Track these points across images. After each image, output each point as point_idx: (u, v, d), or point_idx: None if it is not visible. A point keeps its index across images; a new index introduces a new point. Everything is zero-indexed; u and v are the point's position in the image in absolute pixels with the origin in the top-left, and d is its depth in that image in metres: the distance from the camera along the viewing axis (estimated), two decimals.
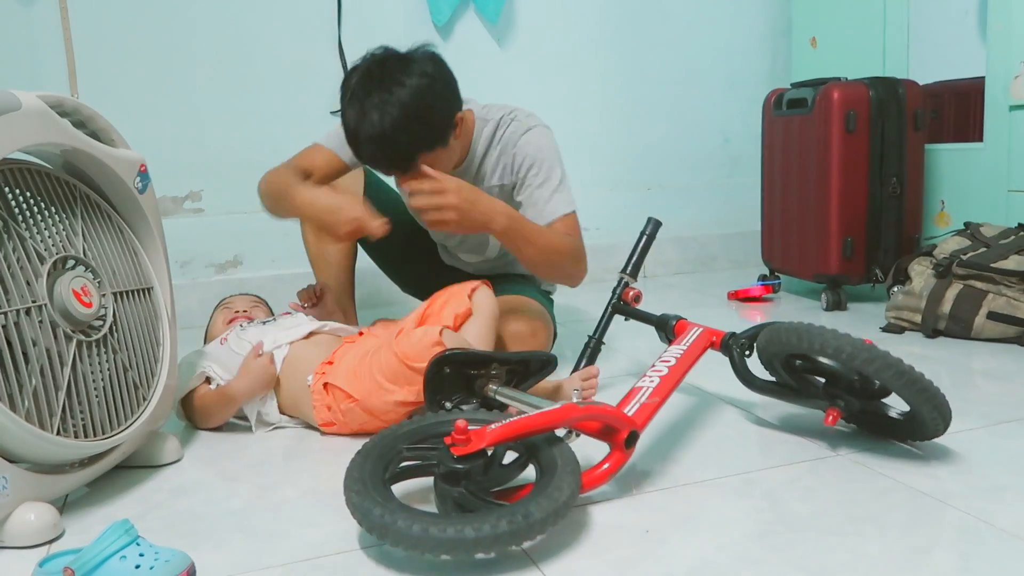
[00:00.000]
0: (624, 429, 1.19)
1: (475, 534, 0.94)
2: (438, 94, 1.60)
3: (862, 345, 1.24)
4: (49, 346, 1.16)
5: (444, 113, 1.62)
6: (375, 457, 1.11)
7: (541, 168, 1.73)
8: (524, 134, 1.76)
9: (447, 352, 1.35)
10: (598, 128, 3.12)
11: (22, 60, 2.42)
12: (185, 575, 0.97)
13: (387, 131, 1.54)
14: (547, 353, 1.43)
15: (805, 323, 1.32)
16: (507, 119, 1.78)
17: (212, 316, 1.87)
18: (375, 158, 1.62)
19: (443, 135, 1.62)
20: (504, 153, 1.78)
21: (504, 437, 1.07)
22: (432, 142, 1.61)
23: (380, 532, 0.98)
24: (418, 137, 1.58)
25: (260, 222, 2.69)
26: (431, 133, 1.60)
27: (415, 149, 1.59)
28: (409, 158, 1.60)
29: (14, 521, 1.11)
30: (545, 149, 1.75)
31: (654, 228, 1.79)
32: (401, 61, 1.59)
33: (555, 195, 1.72)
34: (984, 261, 2.02)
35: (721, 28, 3.23)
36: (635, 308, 1.75)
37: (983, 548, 1.03)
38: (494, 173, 1.80)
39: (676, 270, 3.27)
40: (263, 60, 2.66)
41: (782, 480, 1.26)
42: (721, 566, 1.01)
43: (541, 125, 1.79)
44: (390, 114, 1.53)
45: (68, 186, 1.31)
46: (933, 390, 1.24)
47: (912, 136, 2.46)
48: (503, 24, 2.92)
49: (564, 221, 1.71)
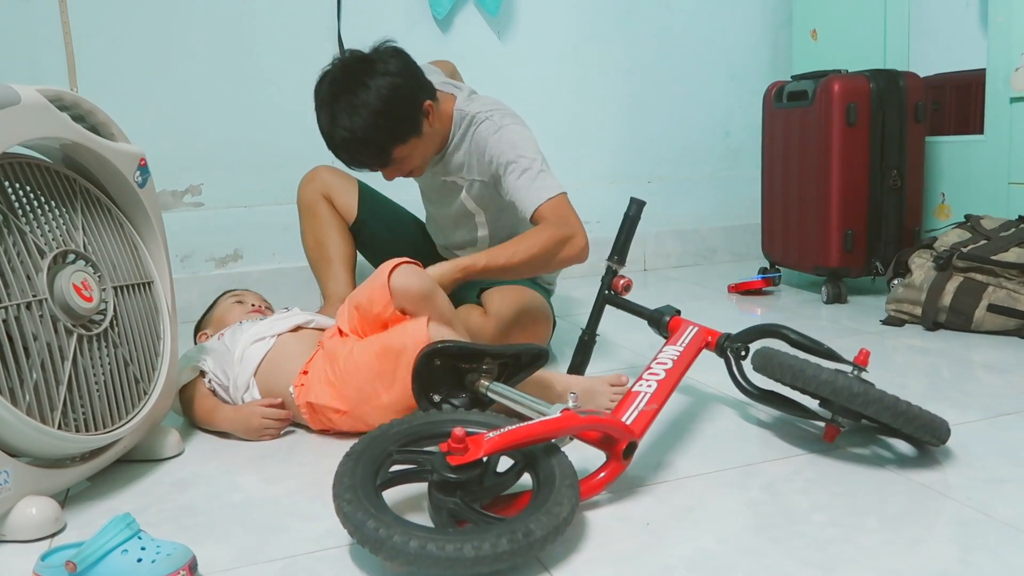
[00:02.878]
0: (623, 440, 1.17)
1: (475, 553, 0.91)
2: (403, 89, 1.67)
3: (853, 387, 1.21)
4: (50, 340, 1.16)
5: (411, 106, 1.69)
6: (366, 460, 1.06)
7: (517, 162, 1.74)
8: (495, 134, 1.76)
9: (439, 344, 1.31)
10: (599, 121, 3.11)
11: (21, 54, 2.41)
12: (186, 569, 0.97)
13: (358, 133, 1.64)
14: (539, 346, 1.40)
15: (797, 359, 1.30)
16: (481, 116, 1.80)
17: (217, 303, 1.87)
18: (353, 159, 1.72)
19: (414, 126, 1.70)
20: (475, 152, 1.81)
21: (502, 446, 1.04)
22: (404, 135, 1.69)
23: (374, 546, 0.93)
24: (389, 133, 1.67)
25: (260, 216, 2.71)
26: (401, 127, 1.68)
27: (389, 145, 1.69)
28: (385, 154, 1.70)
29: (16, 515, 1.11)
30: (517, 144, 1.75)
31: (638, 209, 1.70)
32: (364, 63, 1.67)
33: (535, 183, 1.72)
34: (984, 254, 2.02)
35: (722, 20, 3.23)
36: (627, 300, 1.69)
37: (983, 540, 1.03)
38: (469, 168, 1.84)
39: (676, 263, 3.27)
40: (263, 54, 2.66)
41: (782, 472, 1.26)
42: (721, 558, 1.01)
43: (515, 124, 1.79)
44: (360, 115, 1.63)
45: (68, 180, 1.31)
46: (927, 419, 1.23)
47: (913, 128, 2.45)
48: (503, 17, 2.91)
49: (550, 204, 1.70)
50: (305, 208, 2.08)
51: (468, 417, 1.21)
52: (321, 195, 2.06)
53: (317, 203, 2.06)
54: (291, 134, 2.66)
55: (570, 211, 1.71)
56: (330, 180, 2.08)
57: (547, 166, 1.75)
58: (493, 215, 1.92)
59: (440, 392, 1.33)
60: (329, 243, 2.05)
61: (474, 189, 1.88)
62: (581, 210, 1.76)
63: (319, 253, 2.06)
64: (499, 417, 1.21)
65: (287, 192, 2.71)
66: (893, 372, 1.75)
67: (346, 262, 2.06)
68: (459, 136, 1.83)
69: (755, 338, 1.49)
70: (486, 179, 1.82)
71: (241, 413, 1.51)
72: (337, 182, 2.08)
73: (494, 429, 1.07)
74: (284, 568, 1.04)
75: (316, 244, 2.06)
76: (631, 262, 3.16)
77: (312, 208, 2.06)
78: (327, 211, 2.06)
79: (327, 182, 2.07)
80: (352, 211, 2.07)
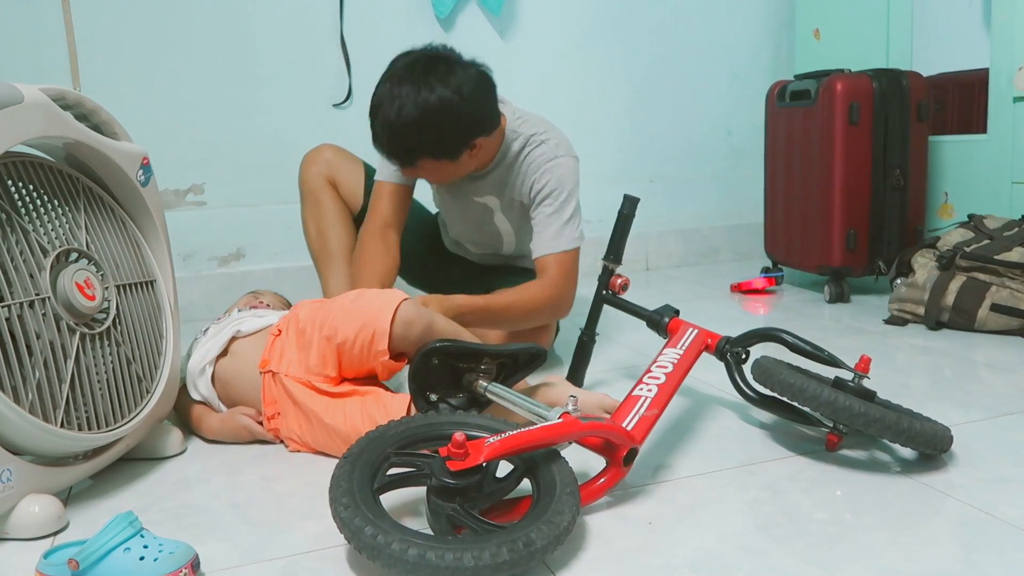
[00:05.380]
0: (625, 446, 1.16)
1: (475, 562, 0.90)
2: (462, 115, 1.60)
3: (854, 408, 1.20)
4: (52, 339, 1.16)
5: (461, 134, 1.63)
6: (363, 464, 1.05)
7: (557, 199, 1.73)
8: (550, 161, 1.75)
9: (437, 343, 1.30)
10: (601, 120, 3.11)
11: (24, 53, 2.41)
12: (188, 567, 0.97)
13: (398, 125, 1.57)
14: (536, 346, 1.39)
15: (798, 377, 1.28)
16: (537, 139, 1.77)
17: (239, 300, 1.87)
18: (381, 141, 1.64)
19: (452, 152, 1.64)
20: (526, 174, 1.77)
21: (503, 451, 1.03)
22: (438, 153, 1.63)
23: (371, 553, 0.92)
24: (425, 143, 1.61)
25: (263, 215, 2.71)
26: (439, 145, 1.62)
27: (419, 152, 1.62)
28: (411, 157, 1.64)
29: (19, 513, 1.12)
30: (566, 180, 1.74)
31: (631, 207, 1.66)
32: (447, 65, 1.60)
33: (564, 229, 1.72)
34: (987, 253, 2.02)
35: (724, 20, 3.22)
36: (625, 301, 1.67)
37: (986, 539, 1.03)
38: (512, 187, 1.80)
39: (679, 262, 3.27)
40: (266, 53, 2.66)
41: (784, 472, 1.26)
42: (724, 557, 1.01)
43: (569, 155, 1.78)
44: (408, 111, 1.56)
45: (71, 179, 1.32)
46: (928, 434, 1.22)
47: (916, 128, 2.45)
48: (505, 17, 2.91)
49: (561, 257, 1.72)
50: (308, 193, 1.98)
51: (466, 420, 1.19)
52: (325, 179, 1.97)
53: (321, 190, 1.97)
54: (294, 133, 2.66)
55: (574, 269, 1.74)
56: (335, 162, 1.98)
57: (579, 212, 1.76)
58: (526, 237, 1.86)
59: (437, 392, 1.33)
60: (331, 235, 1.97)
61: (513, 210, 1.85)
62: (582, 209, 1.76)
63: (321, 245, 1.99)
64: (497, 421, 1.20)
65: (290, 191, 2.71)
66: (896, 372, 1.75)
67: (348, 257, 2.01)
68: (510, 156, 1.78)
69: (755, 342, 1.49)
70: (525, 201, 1.80)
71: (228, 425, 1.47)
72: (343, 164, 1.99)
73: (495, 434, 1.06)
74: (286, 566, 1.04)
75: (318, 235, 1.99)
76: (633, 261, 3.18)
77: (316, 195, 1.97)
78: (331, 199, 1.97)
79: (332, 164, 1.98)
80: (357, 198, 1.98)
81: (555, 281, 1.71)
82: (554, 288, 1.71)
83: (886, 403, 1.37)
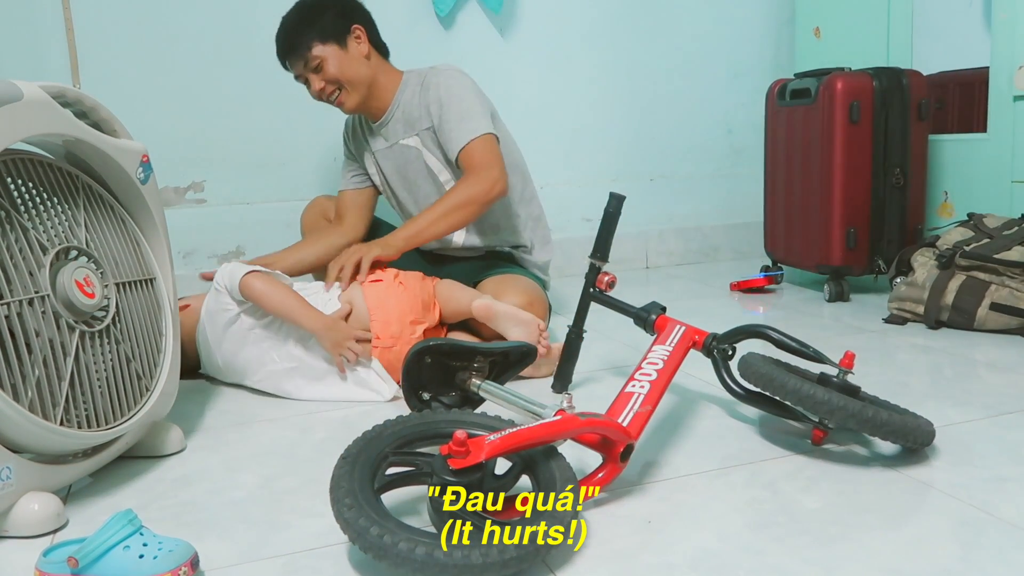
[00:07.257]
0: (622, 443, 1.17)
1: (482, 559, 0.90)
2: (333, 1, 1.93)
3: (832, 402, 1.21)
4: (52, 337, 1.16)
5: (336, 13, 1.91)
6: (362, 463, 1.05)
7: (454, 102, 1.91)
8: (437, 76, 1.95)
9: (430, 342, 1.32)
10: (601, 118, 3.11)
11: (24, 50, 2.41)
12: (188, 565, 0.97)
13: (286, 24, 1.93)
14: (527, 344, 1.42)
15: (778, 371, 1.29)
16: (435, 70, 1.98)
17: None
18: (280, 50, 1.95)
19: (336, 33, 1.90)
20: (423, 98, 1.96)
21: (504, 449, 1.03)
22: (324, 36, 1.90)
23: (377, 553, 0.91)
24: (311, 28, 1.89)
25: (262, 212, 2.71)
26: (323, 27, 1.89)
27: (307, 39, 1.89)
28: (302, 49, 1.90)
29: (18, 511, 1.12)
30: (455, 86, 1.93)
31: (617, 204, 1.62)
32: None
33: (467, 123, 1.88)
34: (987, 252, 2.02)
35: (724, 18, 3.22)
36: (612, 298, 1.65)
37: (985, 539, 1.03)
38: (421, 118, 1.98)
39: (679, 261, 3.27)
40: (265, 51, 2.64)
41: (784, 471, 1.26)
42: (723, 556, 1.01)
43: (454, 70, 1.97)
44: (291, 12, 1.94)
45: (70, 176, 1.31)
46: (909, 427, 1.23)
47: (916, 126, 2.45)
48: (506, 14, 2.91)
49: (473, 145, 1.87)
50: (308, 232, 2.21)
51: (462, 418, 1.20)
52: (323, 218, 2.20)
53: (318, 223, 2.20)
54: (294, 131, 2.66)
55: (492, 150, 1.88)
56: (330, 204, 2.20)
57: (486, 109, 1.91)
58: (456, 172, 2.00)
59: (429, 390, 1.33)
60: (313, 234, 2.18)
61: (428, 140, 1.98)
62: (582, 208, 1.76)
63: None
64: (494, 418, 1.20)
65: (289, 189, 2.72)
66: (895, 371, 1.75)
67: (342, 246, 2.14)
68: (410, 90, 1.98)
69: (741, 338, 1.48)
70: (435, 122, 1.94)
71: (329, 320, 1.61)
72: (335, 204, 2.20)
73: (494, 432, 1.06)
74: (286, 564, 1.04)
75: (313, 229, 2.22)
76: (633, 260, 3.18)
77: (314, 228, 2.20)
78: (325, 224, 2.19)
79: (327, 206, 2.21)
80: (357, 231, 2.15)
81: (479, 168, 1.85)
82: (480, 171, 1.85)
83: (872, 398, 1.38)
